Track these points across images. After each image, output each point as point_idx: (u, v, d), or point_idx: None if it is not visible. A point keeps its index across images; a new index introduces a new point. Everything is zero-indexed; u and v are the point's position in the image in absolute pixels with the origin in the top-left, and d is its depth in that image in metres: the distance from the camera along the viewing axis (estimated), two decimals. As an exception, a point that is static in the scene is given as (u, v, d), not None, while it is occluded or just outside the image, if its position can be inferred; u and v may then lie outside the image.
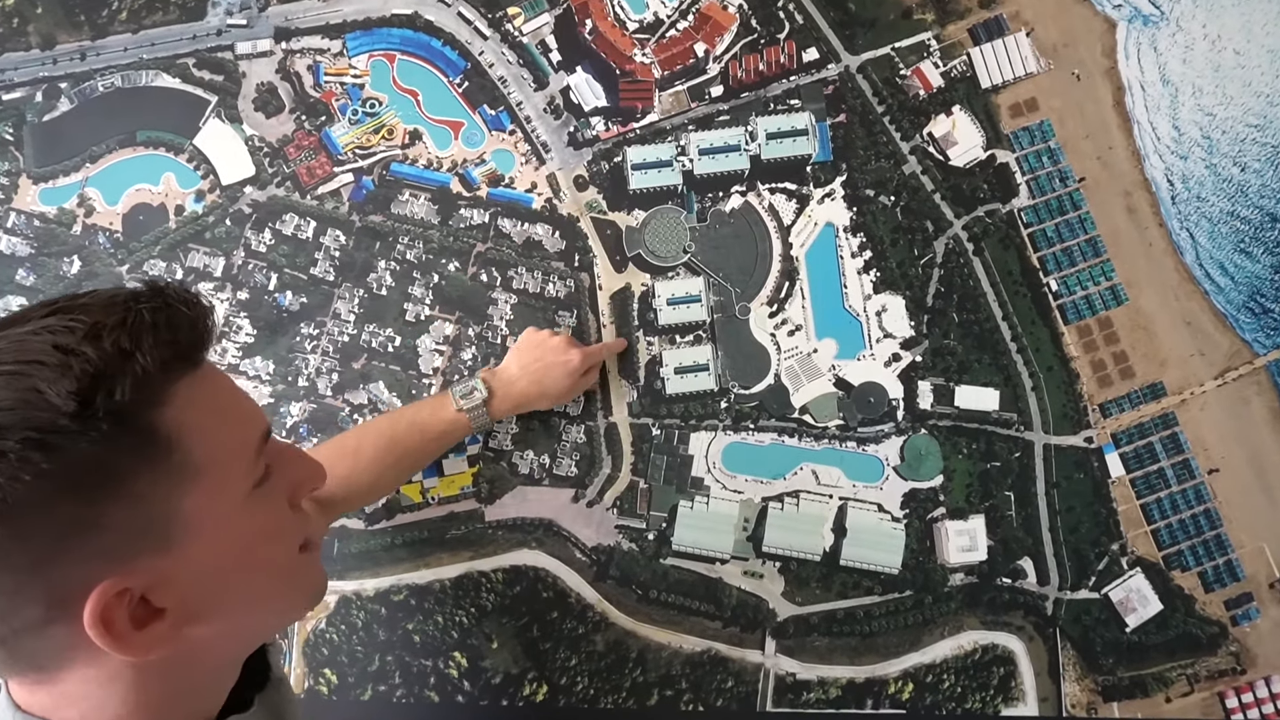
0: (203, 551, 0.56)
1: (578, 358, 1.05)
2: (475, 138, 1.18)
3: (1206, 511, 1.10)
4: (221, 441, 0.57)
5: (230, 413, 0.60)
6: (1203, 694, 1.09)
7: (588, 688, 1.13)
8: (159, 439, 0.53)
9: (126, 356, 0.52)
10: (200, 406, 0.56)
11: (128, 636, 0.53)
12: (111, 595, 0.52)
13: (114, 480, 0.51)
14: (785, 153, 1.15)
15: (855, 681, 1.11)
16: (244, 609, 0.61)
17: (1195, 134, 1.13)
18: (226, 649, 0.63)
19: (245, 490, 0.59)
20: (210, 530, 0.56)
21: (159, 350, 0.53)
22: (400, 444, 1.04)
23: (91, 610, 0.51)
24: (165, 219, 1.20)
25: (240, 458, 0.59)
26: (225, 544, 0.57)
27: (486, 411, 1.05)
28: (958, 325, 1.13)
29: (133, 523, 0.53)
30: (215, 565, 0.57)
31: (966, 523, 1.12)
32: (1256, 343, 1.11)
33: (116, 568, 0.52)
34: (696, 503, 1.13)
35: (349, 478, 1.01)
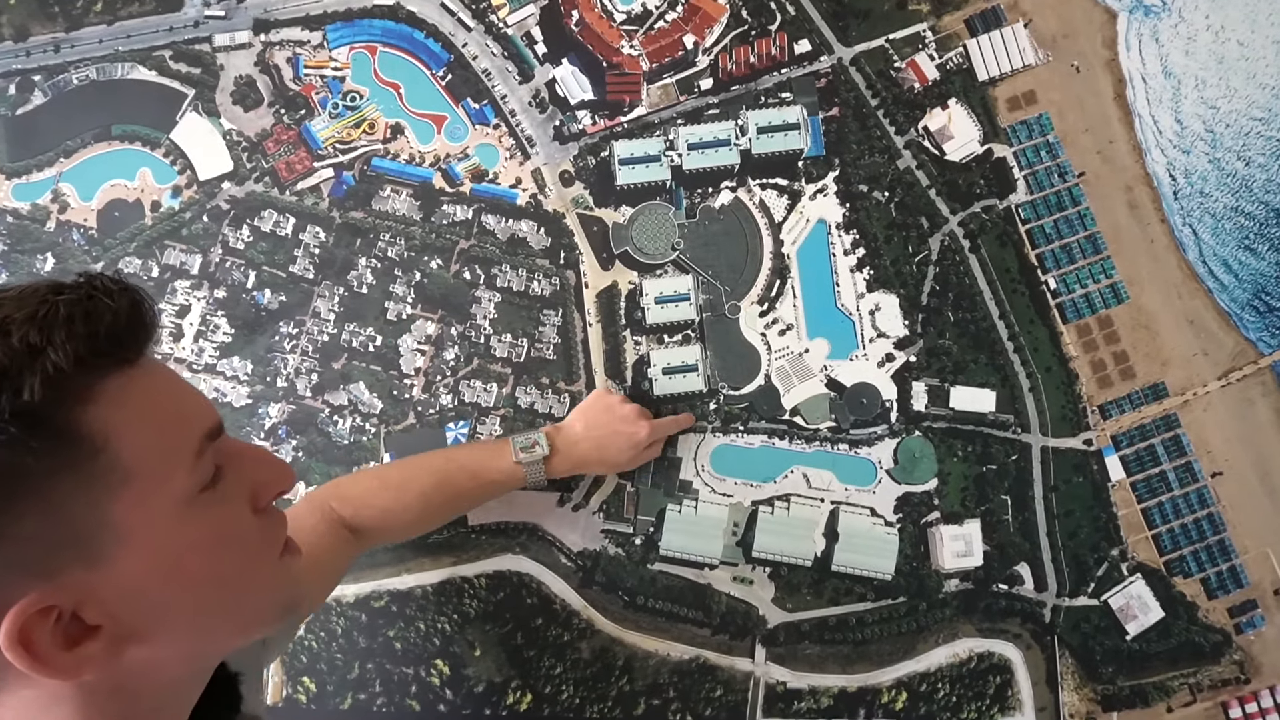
0: (138, 563, 0.51)
1: (645, 431, 1.02)
2: (459, 132, 1.15)
3: (1210, 516, 1.07)
4: (154, 443, 0.52)
5: (166, 411, 0.54)
6: (1205, 704, 1.06)
7: (573, 696, 1.10)
8: (80, 441, 0.49)
9: (35, 353, 0.48)
10: (131, 405, 0.51)
11: (52, 658, 0.48)
12: (32, 613, 0.47)
13: (27, 487, 0.47)
14: (776, 147, 1.12)
15: (848, 690, 1.08)
16: (193, 624, 0.55)
17: (1198, 127, 1.10)
18: (178, 668, 0.57)
19: (186, 495, 0.53)
20: (145, 540, 0.51)
21: (73, 344, 0.48)
22: (450, 486, 1.01)
23: (8, 630, 0.47)
24: (141, 215, 1.17)
25: (177, 460, 0.53)
26: (164, 554, 0.52)
27: (544, 468, 1.01)
28: (953, 324, 1.10)
29: (53, 533, 0.48)
30: (154, 578, 0.52)
31: (962, 527, 1.09)
32: (1261, 342, 1.08)
33: (38, 583, 0.48)
34: (685, 507, 1.10)
35: (389, 510, 0.99)
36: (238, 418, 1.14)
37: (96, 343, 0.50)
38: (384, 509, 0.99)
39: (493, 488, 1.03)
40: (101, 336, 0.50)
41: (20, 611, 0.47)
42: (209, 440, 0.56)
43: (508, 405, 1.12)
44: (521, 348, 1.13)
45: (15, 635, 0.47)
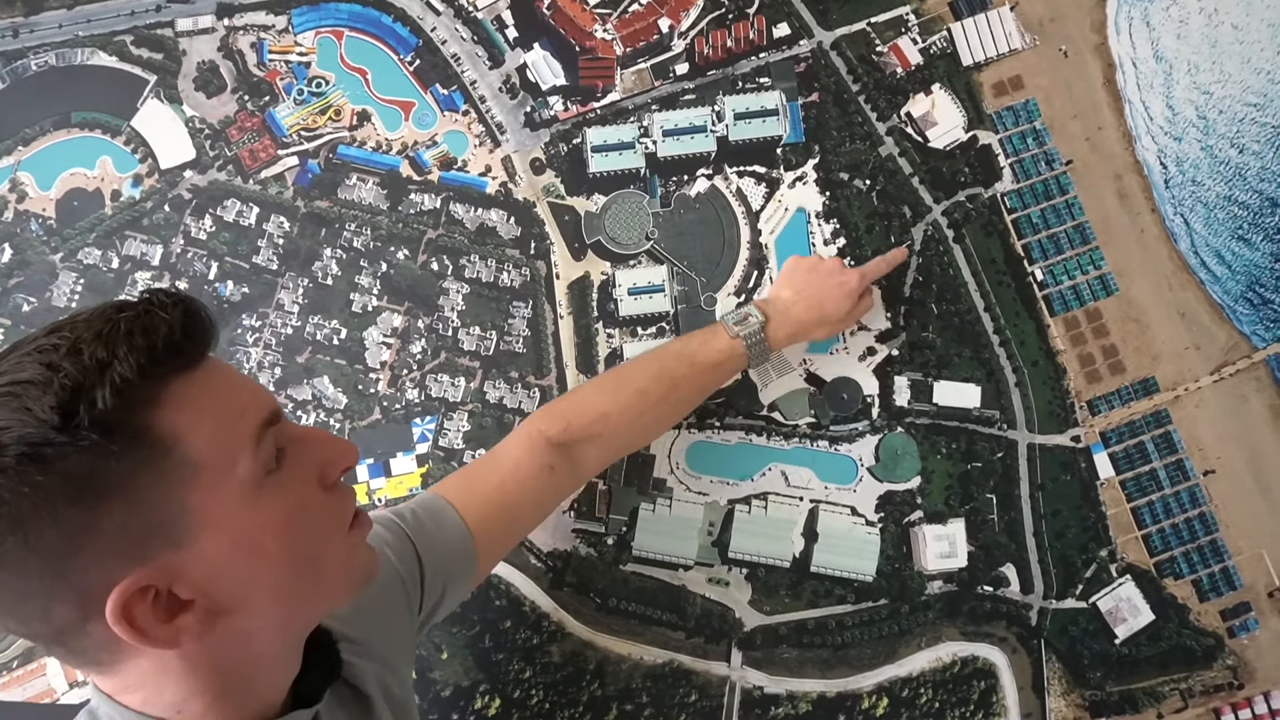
0: (218, 543, 0.57)
1: (855, 277, 0.99)
2: (427, 118, 1.12)
3: (1201, 515, 1.04)
4: (217, 435, 0.57)
5: (225, 405, 0.59)
6: (1197, 710, 1.03)
7: (543, 701, 1.07)
8: (153, 441, 0.55)
9: (104, 366, 0.53)
10: (193, 404, 0.57)
11: (152, 630, 0.55)
12: (132, 592, 0.54)
13: (112, 485, 0.53)
14: (754, 134, 1.08)
15: (826, 696, 1.05)
16: (275, 596, 0.60)
17: (1190, 114, 1.07)
18: (269, 638, 0.62)
19: (253, 479, 0.59)
20: (221, 522, 0.57)
21: (134, 356, 0.54)
22: (668, 376, 0.96)
23: (112, 608, 0.53)
24: (101, 205, 1.14)
25: (239, 448, 0.58)
26: (240, 534, 0.58)
27: (765, 338, 0.97)
28: (937, 317, 1.07)
29: (140, 522, 0.54)
30: (234, 555, 0.58)
31: (945, 527, 1.05)
32: (1255, 335, 1.05)
33: (133, 566, 0.54)
34: (658, 506, 1.07)
35: (607, 414, 0.95)
36: (199, 413, 1.11)
37: (155, 353, 0.55)
38: (601, 413, 0.95)
39: (714, 371, 0.98)
40: (160, 347, 0.55)
41: (121, 592, 0.53)
42: (266, 426, 0.60)
43: (476, 400, 1.09)
44: (490, 340, 1.09)
45: (119, 612, 0.54)
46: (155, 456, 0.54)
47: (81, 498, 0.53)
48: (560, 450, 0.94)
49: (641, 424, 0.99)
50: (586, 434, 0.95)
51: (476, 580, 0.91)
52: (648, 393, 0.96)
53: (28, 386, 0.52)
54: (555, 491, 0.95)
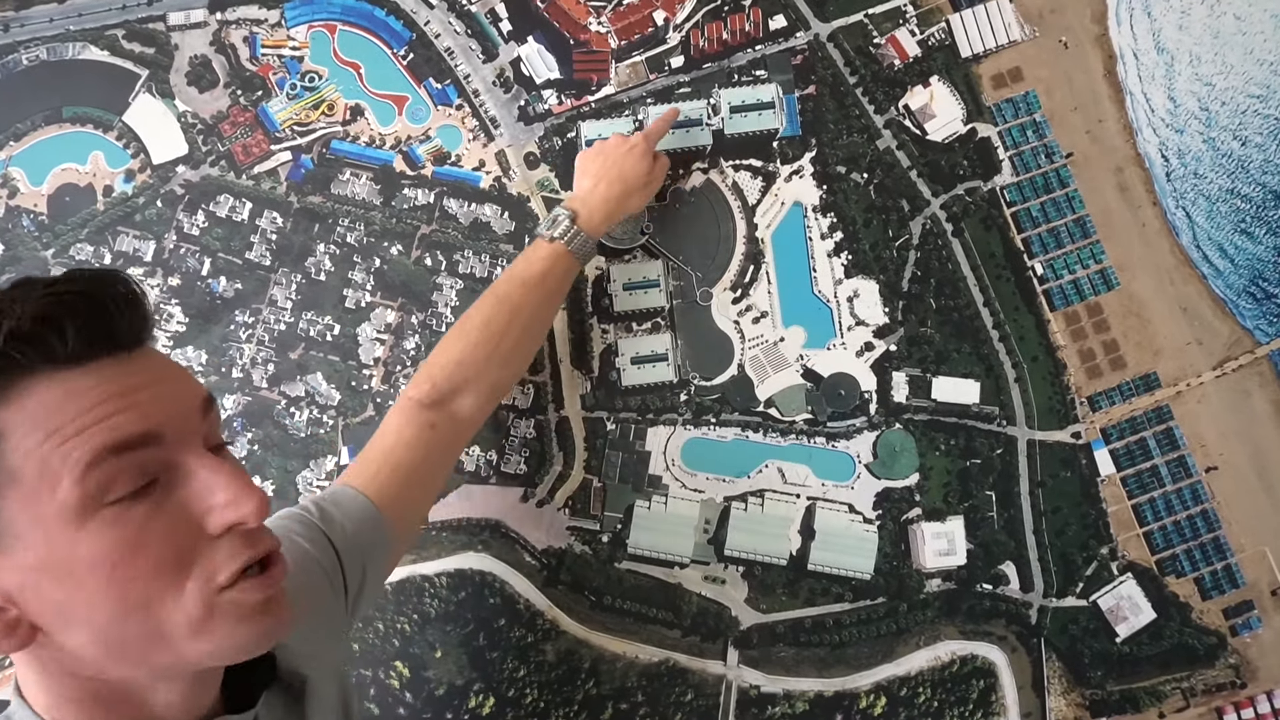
0: (28, 560, 0.51)
1: (639, 139, 1.00)
2: (420, 113, 1.11)
3: (1204, 513, 1.03)
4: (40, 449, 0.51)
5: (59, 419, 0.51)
6: (1199, 709, 1.02)
7: (537, 700, 1.06)
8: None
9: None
10: (26, 410, 0.51)
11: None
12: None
13: None
14: (750, 127, 1.07)
15: (824, 695, 1.04)
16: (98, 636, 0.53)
17: (1192, 105, 1.05)
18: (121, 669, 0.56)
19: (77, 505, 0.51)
20: (33, 540, 0.51)
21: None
22: (507, 302, 0.96)
23: None
24: (93, 200, 1.13)
25: (65, 469, 0.51)
26: (54, 559, 0.51)
27: (579, 229, 0.97)
28: (935, 312, 1.06)
29: None
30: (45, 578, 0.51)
31: (944, 525, 1.04)
32: (1259, 330, 1.04)
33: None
34: (654, 503, 1.06)
35: (462, 361, 0.94)
36: (191, 410, 1.10)
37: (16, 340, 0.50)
38: (456, 361, 0.94)
39: (544, 282, 0.97)
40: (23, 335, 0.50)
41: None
42: (112, 452, 0.52)
43: (470, 397, 1.08)
44: (485, 337, 1.08)
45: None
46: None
47: None
48: (435, 408, 0.93)
49: (499, 357, 0.96)
50: (452, 385, 0.93)
51: (397, 551, 0.90)
52: (491, 325, 0.95)
53: None
54: (444, 447, 0.94)
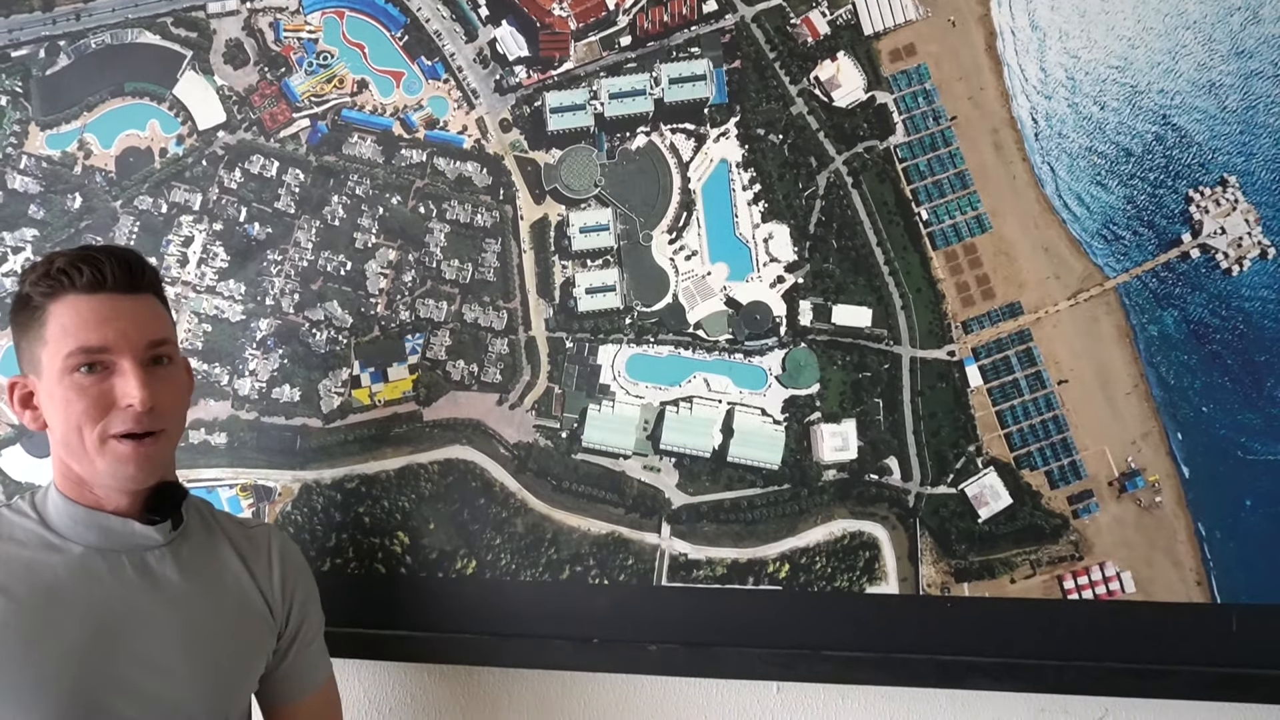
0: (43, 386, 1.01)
1: None
2: (414, 86, 1.33)
3: (1055, 418, 1.23)
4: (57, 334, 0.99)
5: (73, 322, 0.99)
6: (1044, 577, 1.23)
7: (510, 563, 1.31)
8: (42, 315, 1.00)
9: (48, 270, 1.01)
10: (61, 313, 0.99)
11: (15, 404, 1.04)
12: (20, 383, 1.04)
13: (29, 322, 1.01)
14: (685, 96, 1.28)
15: (739, 561, 1.28)
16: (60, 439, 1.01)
17: (1060, 75, 1.23)
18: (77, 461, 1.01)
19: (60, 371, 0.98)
20: (45, 377, 1.00)
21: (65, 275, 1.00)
22: None
23: (8, 384, 1.05)
24: (151, 160, 1.38)
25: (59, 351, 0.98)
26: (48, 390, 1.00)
27: None
28: (836, 251, 1.26)
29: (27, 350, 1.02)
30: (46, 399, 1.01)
31: (840, 426, 1.26)
32: (1108, 267, 1.22)
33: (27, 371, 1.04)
34: (604, 406, 1.30)
35: None
36: (233, 331, 1.36)
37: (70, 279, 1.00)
38: None
39: None
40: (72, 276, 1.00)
41: (12, 381, 1.05)
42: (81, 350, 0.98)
43: (455, 320, 1.32)
44: (467, 271, 1.32)
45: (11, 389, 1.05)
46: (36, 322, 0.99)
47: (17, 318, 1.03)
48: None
49: None
50: None
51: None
52: None
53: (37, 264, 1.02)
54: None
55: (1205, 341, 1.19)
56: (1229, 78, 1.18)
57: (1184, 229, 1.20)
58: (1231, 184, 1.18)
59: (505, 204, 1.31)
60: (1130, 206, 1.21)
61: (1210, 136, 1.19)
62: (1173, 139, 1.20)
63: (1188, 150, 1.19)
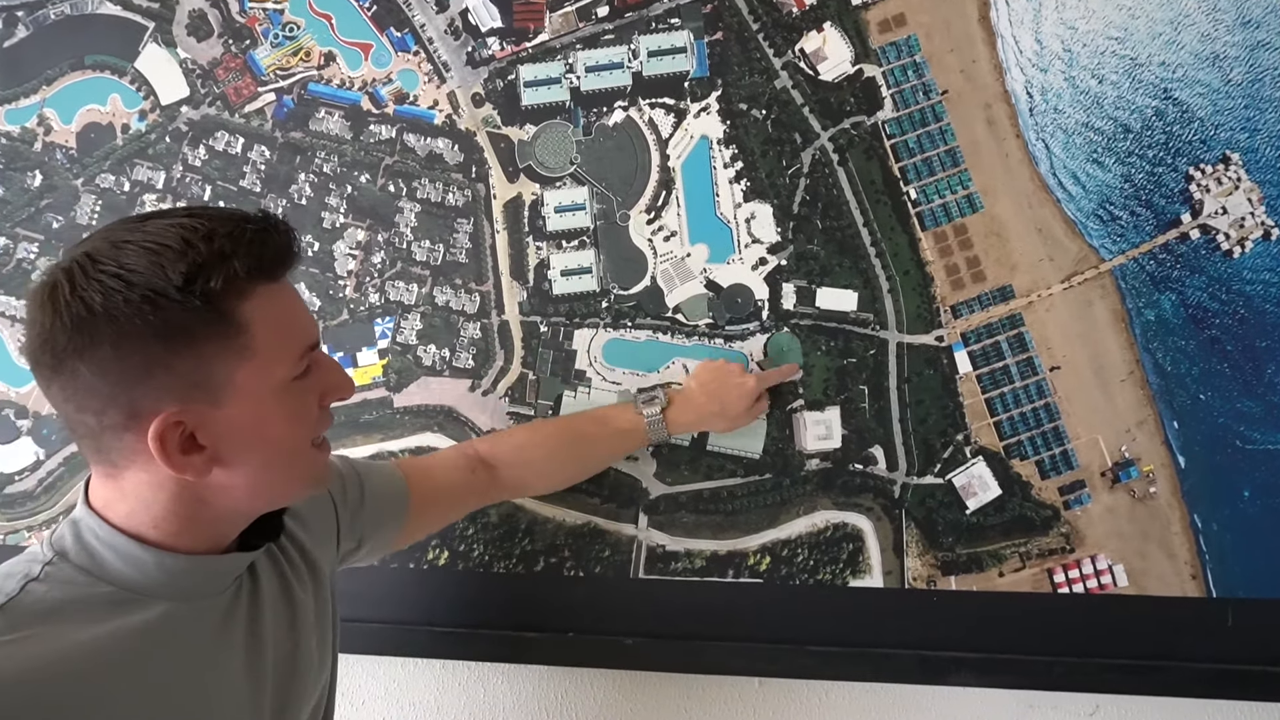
0: (242, 413, 0.74)
1: (753, 381, 1.16)
2: (383, 58, 1.28)
3: (1046, 405, 1.19)
4: (278, 338, 0.75)
5: (290, 320, 0.78)
6: (1033, 570, 1.19)
7: (483, 554, 1.28)
8: (233, 322, 0.72)
9: (225, 258, 0.71)
10: (269, 309, 0.75)
11: (173, 455, 0.72)
12: (170, 422, 0.71)
13: (193, 341, 0.71)
14: (665, 69, 1.23)
15: (718, 553, 1.24)
16: (258, 469, 0.77)
17: (1056, 47, 1.18)
18: (244, 495, 0.79)
19: (285, 379, 0.76)
20: (251, 399, 0.74)
21: (248, 260, 0.72)
22: (577, 429, 1.18)
23: (155, 427, 0.71)
24: (113, 137, 1.33)
25: (289, 354, 0.77)
26: (259, 413, 0.75)
27: (664, 420, 1.16)
28: (821, 231, 1.21)
29: (198, 375, 0.72)
30: (248, 426, 0.75)
31: (823, 413, 1.22)
32: (1103, 248, 1.17)
33: (178, 404, 0.72)
34: (579, 393, 1.25)
35: (523, 445, 1.17)
36: (199, 314, 1.32)
37: (262, 262, 0.74)
38: (518, 444, 1.17)
39: (617, 438, 1.17)
40: (266, 259, 0.74)
41: (166, 417, 0.71)
42: (310, 349, 0.79)
43: (426, 303, 1.28)
44: (438, 252, 1.28)
45: (158, 432, 0.71)
46: (230, 333, 0.72)
47: (169, 341, 0.69)
48: (485, 465, 1.14)
49: (553, 462, 1.18)
50: (506, 457, 1.15)
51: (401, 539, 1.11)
52: (558, 438, 1.18)
53: (166, 249, 0.69)
54: (477, 491, 1.15)
55: (1204, 326, 1.14)
56: (1234, 49, 1.13)
57: (1184, 209, 1.15)
58: (1234, 162, 1.13)
59: (478, 182, 1.27)
60: (1128, 185, 1.17)
61: (1213, 111, 1.14)
62: (1173, 114, 1.15)
63: (1189, 126, 1.14)
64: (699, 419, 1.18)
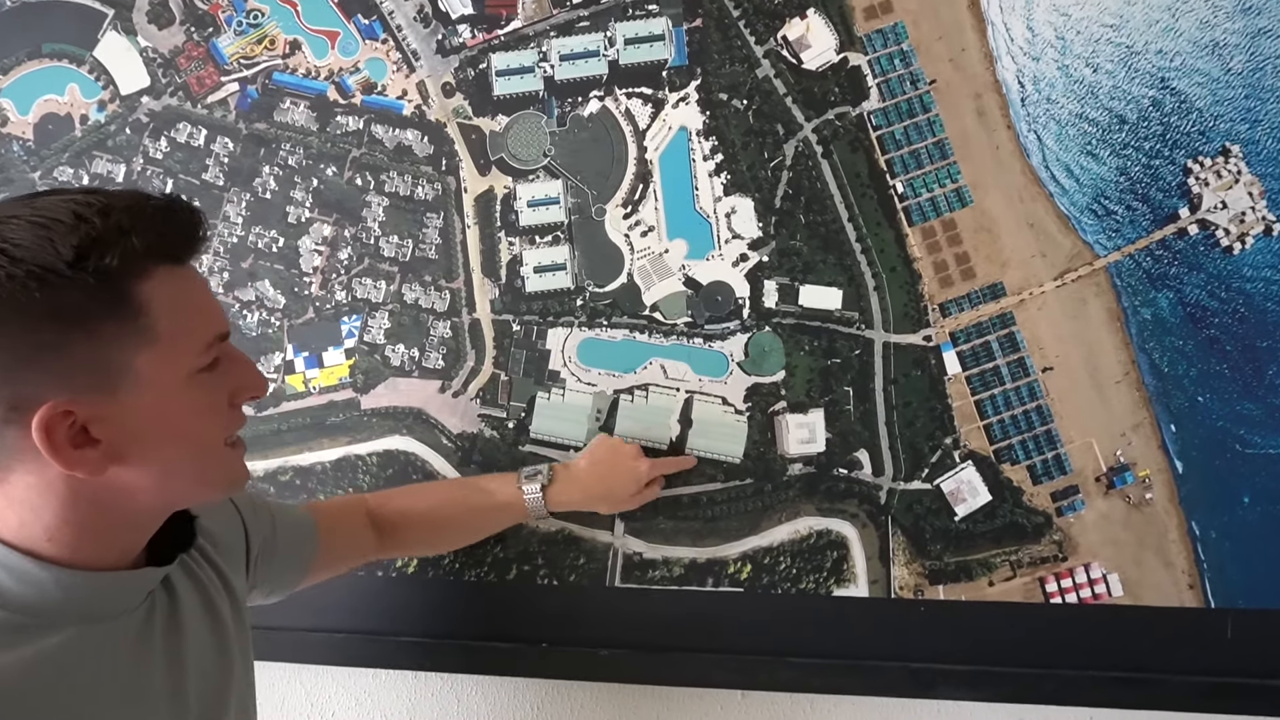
0: (141, 405, 0.68)
1: (646, 466, 1.13)
2: (350, 47, 1.23)
3: (1039, 408, 1.14)
4: (182, 324, 0.69)
5: (196, 306, 0.72)
6: (1024, 579, 1.14)
7: (453, 562, 1.23)
8: (131, 303, 0.66)
9: (123, 233, 0.65)
10: (173, 292, 0.69)
11: (61, 448, 0.65)
12: (58, 412, 0.64)
13: (86, 323, 0.65)
14: (642, 58, 1.18)
15: (697, 561, 1.19)
16: (164, 468, 0.71)
17: (1049, 34, 1.13)
18: (148, 499, 0.73)
19: (191, 370, 0.71)
20: (151, 390, 0.68)
21: (148, 236, 0.66)
22: (461, 500, 1.14)
23: (40, 418, 0.64)
24: (72, 128, 1.29)
25: (195, 342, 0.71)
26: (161, 406, 0.69)
27: (543, 498, 1.11)
28: (804, 226, 1.17)
29: (92, 361, 0.66)
30: (148, 419, 0.69)
31: (806, 416, 1.17)
32: (1098, 244, 1.13)
33: (69, 393, 0.65)
34: (553, 394, 1.21)
35: (407, 510, 1.12)
36: (160, 312, 1.27)
37: (165, 240, 0.68)
38: (402, 508, 1.12)
39: (499, 511, 1.13)
40: (169, 237, 0.69)
41: (52, 407, 0.64)
42: (219, 339, 0.74)
43: (395, 301, 1.23)
44: (407, 248, 1.23)
45: (43, 423, 0.64)
46: (127, 315, 0.66)
47: (59, 322, 0.63)
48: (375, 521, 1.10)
49: (436, 530, 1.14)
50: (392, 520, 1.11)
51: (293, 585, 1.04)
52: (441, 507, 1.14)
53: (58, 224, 0.63)
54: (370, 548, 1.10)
55: (1202, 326, 1.10)
56: (1234, 36, 1.08)
57: (1182, 203, 1.10)
58: (1235, 154, 1.09)
59: (448, 175, 1.22)
60: (1123, 179, 1.12)
61: (1212, 102, 1.09)
62: (1171, 104, 1.10)
63: (1187, 117, 1.10)
64: (583, 499, 1.13)
